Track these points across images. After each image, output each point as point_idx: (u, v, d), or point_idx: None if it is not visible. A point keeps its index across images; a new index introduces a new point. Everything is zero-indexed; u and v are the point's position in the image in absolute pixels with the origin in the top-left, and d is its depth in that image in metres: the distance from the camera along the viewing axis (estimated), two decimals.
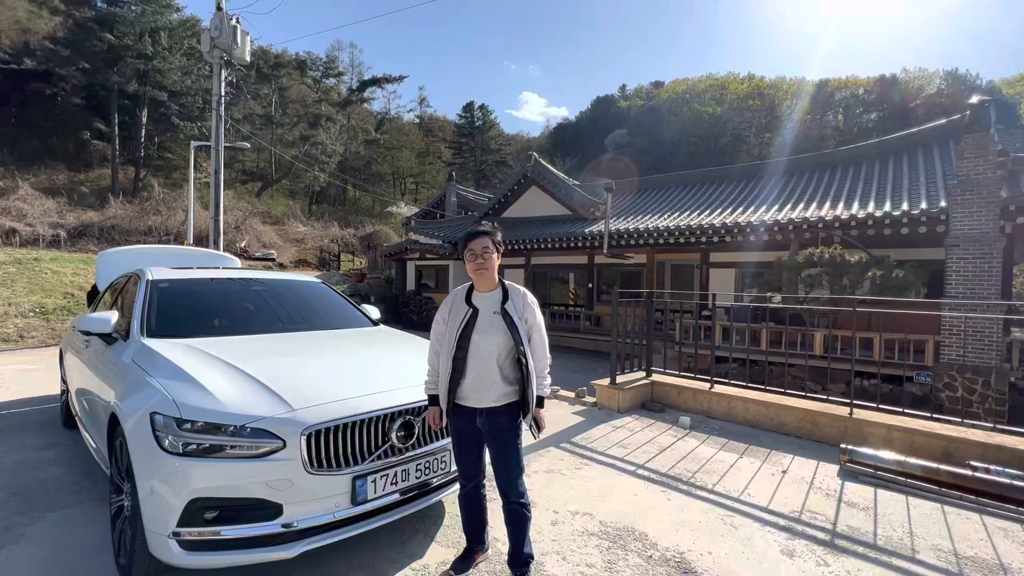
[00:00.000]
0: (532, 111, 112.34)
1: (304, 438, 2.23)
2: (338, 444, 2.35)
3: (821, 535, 3.04)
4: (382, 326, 4.20)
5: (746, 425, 5.25)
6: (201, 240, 17.37)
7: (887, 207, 10.54)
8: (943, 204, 9.83)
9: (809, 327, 10.28)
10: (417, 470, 2.59)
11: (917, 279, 9.70)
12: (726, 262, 13.77)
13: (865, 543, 2.96)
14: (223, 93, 11.80)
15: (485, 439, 2.44)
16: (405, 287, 20.03)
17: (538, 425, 2.44)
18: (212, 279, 3.99)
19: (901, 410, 4.58)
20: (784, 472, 4.01)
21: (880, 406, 4.70)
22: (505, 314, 2.38)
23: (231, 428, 2.18)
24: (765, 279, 11.46)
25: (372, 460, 2.42)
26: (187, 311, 3.50)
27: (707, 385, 5.77)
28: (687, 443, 4.69)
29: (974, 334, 9.11)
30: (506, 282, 2.50)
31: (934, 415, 4.41)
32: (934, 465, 3.75)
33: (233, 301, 3.84)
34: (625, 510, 3.30)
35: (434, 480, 2.68)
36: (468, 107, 51.57)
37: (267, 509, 2.17)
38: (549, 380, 2.53)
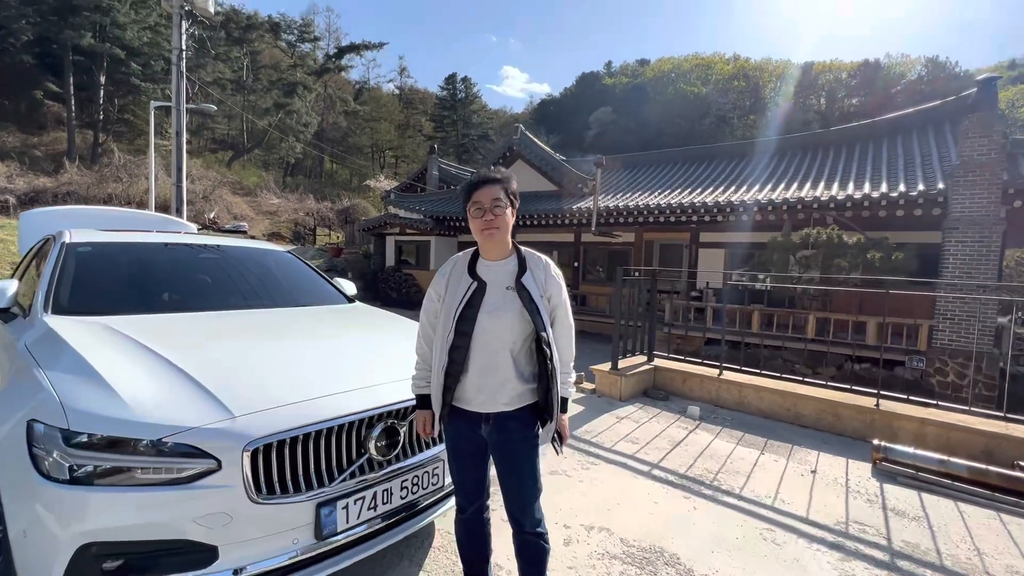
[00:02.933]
0: (513, 86, 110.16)
1: (248, 455, 1.63)
2: (296, 460, 1.75)
3: (878, 554, 2.59)
4: (358, 303, 3.58)
5: (759, 416, 4.82)
6: (164, 210, 16.22)
7: (883, 188, 10.18)
8: (941, 186, 9.52)
9: (802, 310, 9.99)
10: (403, 488, 2.02)
11: (914, 262, 9.42)
12: (715, 242, 13.39)
13: (930, 564, 2.52)
14: (183, 47, 10.66)
15: (492, 452, 1.86)
16: (384, 263, 19.24)
17: (560, 437, 1.88)
18: (150, 243, 3.29)
19: (935, 402, 4.19)
20: (814, 472, 3.58)
21: (910, 397, 4.31)
22: (522, 289, 1.76)
23: (143, 444, 1.56)
24: (757, 260, 11.12)
25: (343, 480, 1.84)
26: (111, 282, 2.81)
27: (715, 371, 5.32)
28: (700, 436, 4.24)
29: (968, 319, 8.90)
30: (522, 248, 1.88)
31: (971, 408, 4.02)
32: (982, 466, 3.35)
33: (175, 271, 3.15)
34: (647, 523, 2.81)
35: (423, 499, 2.12)
36: (450, 79, 49.87)
37: (196, 553, 1.57)
38: (574, 377, 1.95)
